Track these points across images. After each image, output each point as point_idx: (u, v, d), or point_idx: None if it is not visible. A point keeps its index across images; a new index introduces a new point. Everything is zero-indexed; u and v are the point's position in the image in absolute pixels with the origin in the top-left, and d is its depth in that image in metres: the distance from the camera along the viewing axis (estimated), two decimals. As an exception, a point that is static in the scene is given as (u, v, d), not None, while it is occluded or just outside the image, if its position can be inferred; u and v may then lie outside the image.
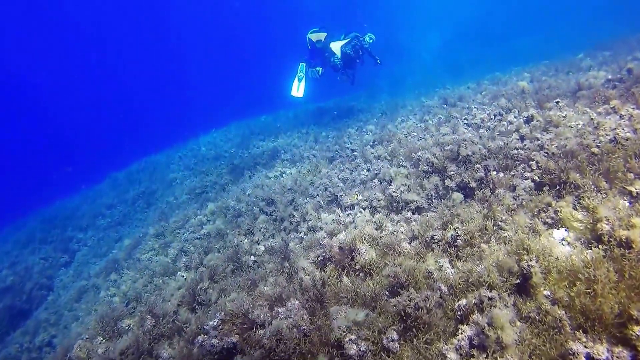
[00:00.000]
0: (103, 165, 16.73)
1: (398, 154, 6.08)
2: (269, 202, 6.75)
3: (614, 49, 10.60)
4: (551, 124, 5.28)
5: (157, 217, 8.57)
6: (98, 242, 10.07)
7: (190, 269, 5.85)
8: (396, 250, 3.86)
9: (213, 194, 8.72)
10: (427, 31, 29.55)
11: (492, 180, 4.51)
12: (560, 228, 3.47)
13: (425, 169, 5.34)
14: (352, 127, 9.45)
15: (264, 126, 12.51)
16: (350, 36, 10.02)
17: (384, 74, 19.46)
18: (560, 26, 20.04)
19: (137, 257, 7.72)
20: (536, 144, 4.70)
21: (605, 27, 16.29)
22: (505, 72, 11.06)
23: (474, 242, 3.62)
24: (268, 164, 9.05)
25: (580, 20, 20.41)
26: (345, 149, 7.89)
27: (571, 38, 16.48)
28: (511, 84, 8.67)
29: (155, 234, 7.97)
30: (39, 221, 11.91)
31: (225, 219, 7.15)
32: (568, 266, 2.89)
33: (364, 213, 4.94)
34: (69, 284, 8.79)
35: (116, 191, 11.98)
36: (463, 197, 4.62)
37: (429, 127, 7.12)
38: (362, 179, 5.92)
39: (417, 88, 13.03)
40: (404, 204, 4.76)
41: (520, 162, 4.61)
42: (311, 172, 7.40)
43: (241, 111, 17.17)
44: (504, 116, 6.28)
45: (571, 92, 6.57)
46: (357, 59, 10.01)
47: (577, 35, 16.60)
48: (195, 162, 11.23)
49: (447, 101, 8.53)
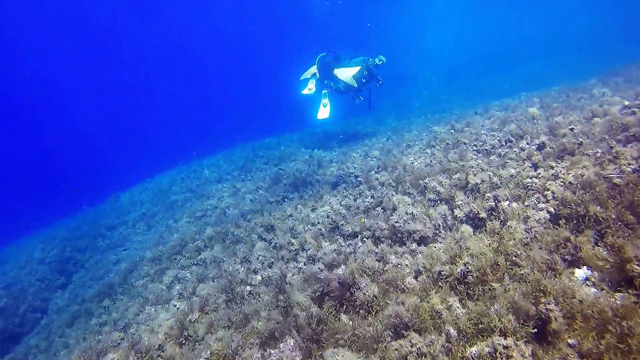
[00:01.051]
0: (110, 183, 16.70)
1: (403, 180, 5.82)
2: (268, 228, 6.50)
3: (625, 75, 10.42)
4: (565, 152, 5.02)
5: (155, 241, 8.34)
6: (96, 264, 9.83)
7: (183, 297, 5.55)
8: (400, 286, 3.54)
9: (213, 218, 8.51)
10: (435, 56, 29.88)
11: (504, 210, 4.22)
12: (582, 266, 3.15)
13: (432, 197, 5.07)
14: (357, 151, 9.26)
15: (267, 149, 12.40)
16: (356, 61, 9.98)
17: (390, 98, 19.51)
18: (569, 52, 19.99)
19: (132, 282, 7.45)
20: (551, 172, 4.42)
21: (616, 52, 16.20)
22: (514, 97, 10.90)
23: (486, 279, 3.30)
24: (271, 187, 8.84)
25: (589, 45, 20.36)
26: (349, 174, 7.67)
27: (581, 64, 16.38)
28: (521, 109, 8.47)
29: (152, 258, 7.72)
30: (39, 241, 11.75)
31: (223, 245, 6.89)
32: (595, 312, 2.56)
33: (367, 243, 4.65)
34: (63, 307, 8.49)
35: (118, 212, 11.83)
36: (472, 229, 4.32)
37: (435, 153, 6.89)
38: (366, 206, 5.65)
39: (424, 112, 12.92)
40: (408, 234, 4.47)
41: (534, 191, 4.32)
42: (313, 197, 7.16)
43: (248, 133, 17.18)
44: (514, 143, 6.03)
45: (585, 118, 6.33)
46: (369, 83, 9.99)
47: (586, 61, 16.52)
48: (198, 184, 11.08)
49: (455, 126, 8.32)
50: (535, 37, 26.95)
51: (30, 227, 15.29)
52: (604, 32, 22.79)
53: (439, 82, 22.13)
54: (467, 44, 30.61)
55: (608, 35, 21.44)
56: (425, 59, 29.60)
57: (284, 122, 18.38)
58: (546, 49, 22.55)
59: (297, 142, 12.42)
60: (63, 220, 13.85)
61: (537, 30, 28.97)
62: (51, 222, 14.66)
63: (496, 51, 26.21)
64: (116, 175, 18.42)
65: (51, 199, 20.61)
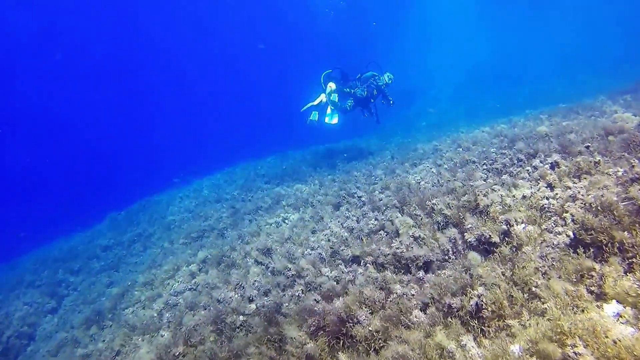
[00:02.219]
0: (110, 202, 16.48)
1: (409, 202, 5.52)
2: (265, 252, 6.18)
3: (633, 93, 10.16)
4: (581, 171, 4.71)
5: (148, 264, 8.03)
6: (89, 287, 9.49)
7: (171, 327, 5.20)
8: (404, 321, 3.20)
9: (210, 239, 8.21)
10: (441, 75, 30.00)
11: (518, 235, 3.89)
12: (611, 300, 2.80)
13: (440, 219, 4.75)
14: (361, 170, 8.99)
15: (269, 168, 12.18)
16: (365, 77, 9.92)
17: (396, 116, 19.41)
18: (573, 72, 19.90)
19: (122, 307, 7.11)
20: (568, 193, 4.10)
21: (621, 72, 16.01)
22: (520, 115, 10.65)
23: (503, 313, 2.95)
24: (271, 208, 8.56)
25: (594, 66, 20.29)
26: (352, 194, 7.39)
27: (586, 83, 16.19)
28: (529, 127, 8.20)
29: (144, 282, 7.41)
30: (31, 262, 11.47)
31: (218, 268, 6.57)
32: (633, 357, 2.21)
33: (369, 269, 4.32)
34: (51, 333, 8.12)
35: (114, 232, 11.55)
36: (483, 255, 3.98)
37: (442, 172, 6.60)
38: (370, 229, 5.33)
39: (429, 131, 12.70)
40: (415, 260, 4.13)
41: (550, 214, 4.00)
42: (314, 219, 6.86)
43: (251, 150, 17.06)
44: (525, 161, 5.74)
45: (599, 136, 6.04)
46: (372, 99, 9.91)
47: (591, 81, 16.33)
48: (196, 204, 10.82)
49: (461, 145, 8.06)
50: (541, 56, 27.01)
51: (30, 244, 14.99)
52: (609, 52, 22.81)
53: (445, 100, 22.08)
54: (472, 64, 30.73)
55: (613, 56, 21.42)
56: (431, 78, 29.74)
57: (287, 140, 18.28)
58: (551, 68, 22.54)
59: (300, 161, 12.20)
60: (61, 238, 13.57)
61: (543, 49, 29.06)
62: (50, 240, 14.40)
63: (502, 70, 26.23)
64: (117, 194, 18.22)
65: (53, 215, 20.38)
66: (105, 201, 16.78)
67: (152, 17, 32.16)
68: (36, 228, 17.77)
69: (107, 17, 29.36)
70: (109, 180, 29.43)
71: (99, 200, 19.23)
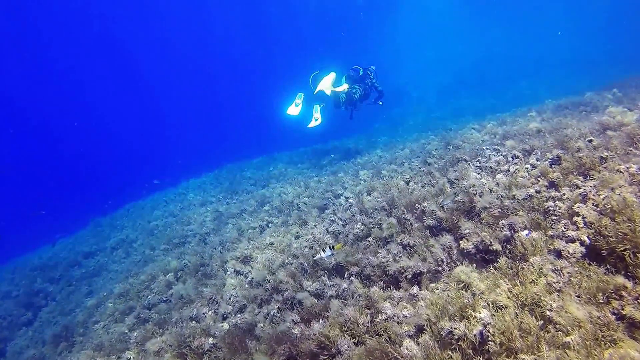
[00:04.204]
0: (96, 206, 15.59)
1: (398, 204, 4.86)
2: (244, 260, 5.49)
3: (621, 89, 9.66)
4: (584, 167, 4.09)
5: (126, 273, 7.29)
6: (67, 296, 8.69)
7: (137, 348, 4.48)
8: (393, 355, 2.53)
9: (192, 245, 7.49)
10: (427, 76, 29.50)
11: (522, 242, 3.25)
12: (649, 329, 2.16)
13: (432, 223, 4.10)
14: (348, 171, 8.33)
15: (256, 169, 11.45)
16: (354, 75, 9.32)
17: (384, 116, 18.79)
18: (556, 72, 19.53)
19: (94, 321, 6.36)
20: (577, 193, 3.47)
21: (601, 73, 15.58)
22: (508, 112, 10.08)
23: (514, 346, 2.30)
24: (255, 212, 7.85)
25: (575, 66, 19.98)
26: (338, 196, 6.73)
27: (568, 82, 15.74)
28: (520, 124, 7.61)
29: (119, 293, 6.66)
30: (9, 271, 10.61)
31: (196, 277, 5.86)
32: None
33: (354, 283, 3.64)
34: (22, 350, 7.32)
35: (97, 238, 10.74)
36: (482, 266, 3.34)
37: (432, 171, 5.96)
38: (356, 235, 4.66)
39: (417, 130, 12.08)
40: (404, 272, 3.47)
41: (558, 217, 3.37)
42: (298, 223, 6.18)
43: (238, 152, 16.30)
44: (522, 158, 5.12)
45: (597, 131, 5.45)
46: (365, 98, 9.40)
47: (573, 80, 15.89)
48: (181, 207, 10.06)
49: (451, 142, 7.44)
50: (522, 57, 26.67)
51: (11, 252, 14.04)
52: (588, 55, 22.58)
53: (431, 100, 21.54)
54: (456, 65, 30.28)
55: (592, 58, 21.17)
56: (417, 78, 29.22)
57: (275, 141, 17.55)
58: (533, 69, 22.18)
59: (287, 162, 11.50)
60: (45, 246, 12.65)
61: (524, 50, 28.74)
62: (33, 247, 13.48)
63: (484, 70, 25.80)
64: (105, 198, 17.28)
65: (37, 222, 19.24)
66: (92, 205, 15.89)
67: (131, 27, 31.10)
68: (20, 235, 16.76)
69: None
70: (97, 184, 28.37)
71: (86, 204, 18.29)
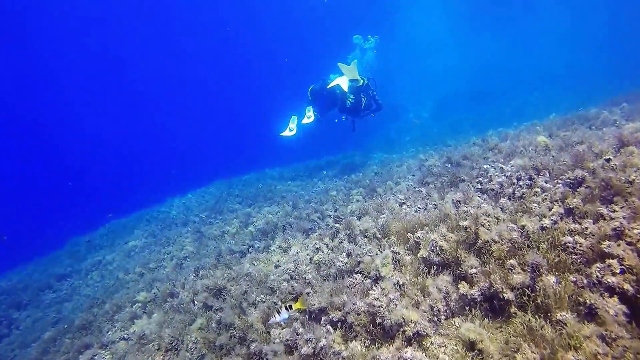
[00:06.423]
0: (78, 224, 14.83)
1: (391, 231, 4.19)
2: (217, 292, 4.78)
3: (628, 103, 9.13)
4: (609, 191, 3.44)
5: (90, 302, 6.54)
6: (33, 324, 7.89)
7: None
8: None
9: (167, 270, 6.78)
10: (424, 90, 29.19)
11: (544, 290, 2.57)
12: None
13: (427, 256, 3.42)
14: (340, 190, 7.67)
15: (244, 186, 10.79)
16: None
17: (381, 131, 18.27)
18: (555, 87, 19.10)
19: (48, 359, 5.59)
20: (609, 226, 2.81)
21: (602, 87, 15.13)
22: (510, 127, 9.52)
23: None
24: (237, 234, 7.17)
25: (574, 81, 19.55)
26: (326, 217, 6.06)
27: (569, 97, 15.28)
28: (525, 139, 7.01)
29: (80, 326, 5.92)
30: (-24, 295, 9.79)
31: (162, 310, 5.15)
32: None
33: (334, 335, 2.95)
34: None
35: (72, 259, 9.98)
36: (489, 317, 2.66)
37: (430, 192, 5.31)
38: (340, 269, 3.97)
39: (415, 145, 11.50)
40: (396, 326, 2.78)
41: (578, 257, 2.70)
42: (281, 248, 5.49)
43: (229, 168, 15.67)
44: (528, 179, 4.47)
45: (613, 147, 4.84)
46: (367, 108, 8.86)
47: (574, 95, 15.44)
48: (162, 227, 9.36)
49: (451, 159, 6.81)
50: (521, 72, 26.35)
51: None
52: (588, 68, 22.23)
53: (429, 115, 21.09)
54: (454, 80, 30.00)
55: (591, 72, 20.81)
56: (414, 95, 28.88)
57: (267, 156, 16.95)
58: (533, 84, 21.77)
59: (278, 178, 10.86)
60: (18, 268, 11.82)
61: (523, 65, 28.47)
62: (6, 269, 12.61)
63: (482, 86, 25.45)
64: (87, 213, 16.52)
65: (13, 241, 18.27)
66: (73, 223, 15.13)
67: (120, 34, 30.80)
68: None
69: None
70: (80, 201, 27.54)
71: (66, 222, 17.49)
